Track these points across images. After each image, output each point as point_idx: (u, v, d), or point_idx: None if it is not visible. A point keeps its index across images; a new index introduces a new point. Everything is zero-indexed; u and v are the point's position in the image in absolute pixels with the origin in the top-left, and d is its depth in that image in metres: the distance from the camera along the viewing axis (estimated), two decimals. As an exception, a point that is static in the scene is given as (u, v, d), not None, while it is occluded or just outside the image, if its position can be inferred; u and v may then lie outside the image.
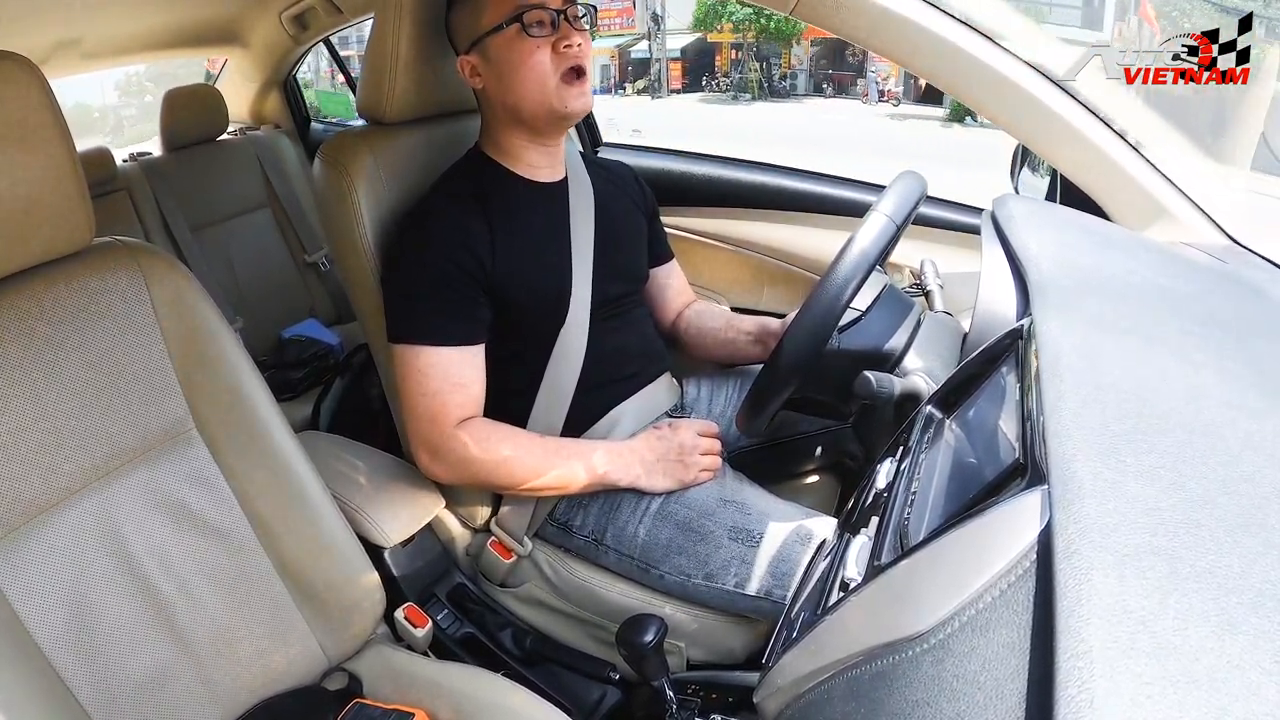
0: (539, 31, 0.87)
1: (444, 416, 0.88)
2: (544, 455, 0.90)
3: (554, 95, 0.88)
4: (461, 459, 0.89)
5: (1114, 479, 0.32)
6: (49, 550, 0.67)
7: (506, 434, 0.91)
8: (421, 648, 0.92)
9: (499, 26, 0.87)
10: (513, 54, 0.87)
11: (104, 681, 0.68)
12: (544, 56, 0.87)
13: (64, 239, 0.69)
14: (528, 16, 0.86)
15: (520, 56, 0.87)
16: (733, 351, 1.10)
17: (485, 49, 0.89)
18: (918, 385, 0.77)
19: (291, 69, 2.08)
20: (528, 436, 0.92)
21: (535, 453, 0.90)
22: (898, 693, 0.33)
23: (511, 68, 0.88)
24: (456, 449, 0.88)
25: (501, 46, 0.88)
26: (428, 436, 0.90)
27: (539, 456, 0.90)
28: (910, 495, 0.50)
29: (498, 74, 0.89)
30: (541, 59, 0.87)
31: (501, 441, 0.89)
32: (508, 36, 0.87)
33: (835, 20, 0.91)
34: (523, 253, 0.92)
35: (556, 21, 0.87)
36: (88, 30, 1.54)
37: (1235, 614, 0.26)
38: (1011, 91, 0.88)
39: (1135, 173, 0.88)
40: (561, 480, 0.90)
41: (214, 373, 0.77)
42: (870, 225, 0.76)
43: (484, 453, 0.88)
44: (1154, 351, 0.45)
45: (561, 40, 0.87)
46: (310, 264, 2.04)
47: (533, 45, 0.86)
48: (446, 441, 0.89)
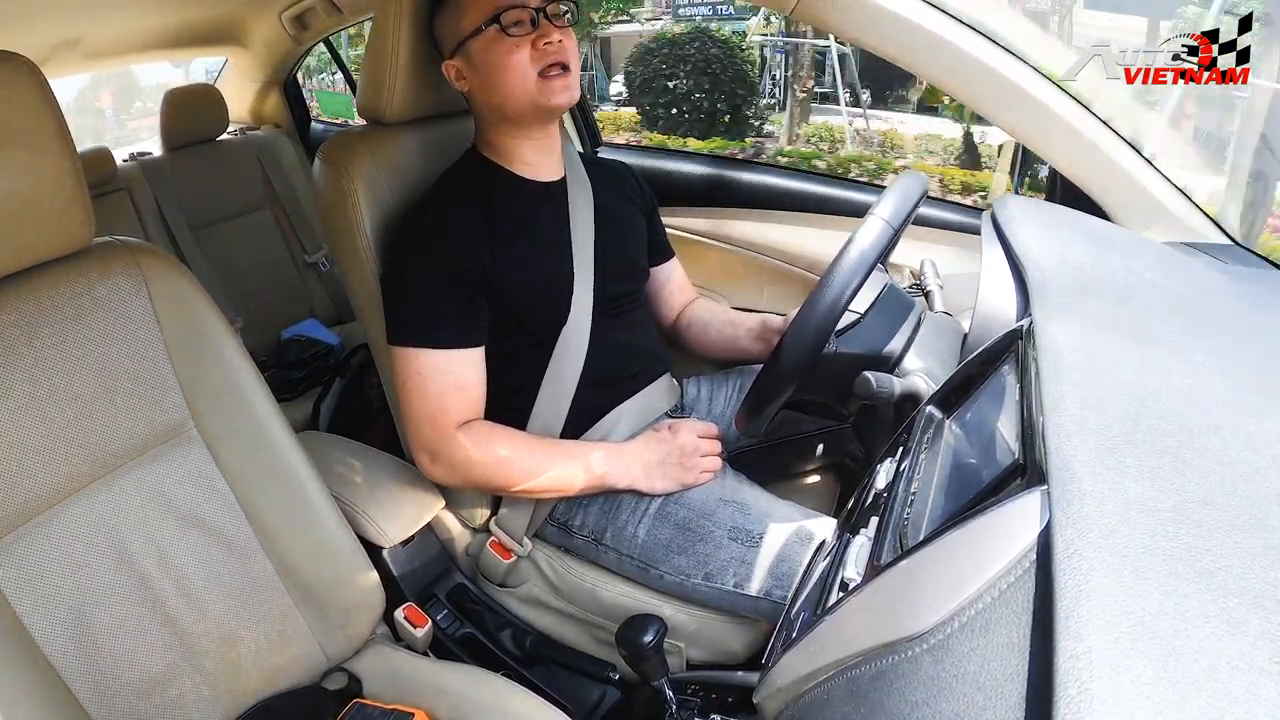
0: (518, 31, 0.88)
1: (444, 419, 0.89)
2: (543, 457, 0.90)
3: (535, 91, 0.89)
4: (461, 462, 0.89)
5: (1114, 479, 0.32)
6: (49, 550, 0.67)
7: (506, 436, 0.91)
8: (421, 648, 0.92)
9: (478, 29, 0.88)
10: (492, 55, 0.88)
11: (104, 681, 0.68)
12: (523, 55, 0.88)
13: (64, 239, 0.69)
14: (505, 17, 0.87)
15: (499, 57, 0.88)
16: (735, 348, 1.10)
17: (468, 52, 0.90)
18: (917, 385, 0.77)
19: (292, 69, 2.08)
20: (527, 438, 0.92)
21: (534, 455, 0.90)
22: (897, 693, 0.33)
23: (492, 68, 0.89)
24: (456, 452, 0.89)
25: (482, 48, 0.89)
26: (428, 439, 0.90)
27: (538, 459, 0.90)
28: (910, 495, 0.49)
29: (480, 75, 0.90)
30: (521, 58, 0.88)
31: (501, 444, 0.89)
32: (487, 38, 0.88)
33: (835, 20, 0.91)
34: (523, 253, 0.92)
35: (536, 20, 0.88)
36: (88, 30, 1.54)
37: (1235, 614, 0.26)
38: (1011, 91, 0.88)
39: (1135, 173, 0.88)
40: (560, 482, 0.90)
41: (214, 373, 0.77)
42: (868, 228, 0.76)
43: (484, 455, 0.88)
44: (1154, 351, 0.45)
45: (541, 38, 0.88)
46: (310, 264, 2.04)
47: (511, 44, 0.87)
48: (446, 444, 0.89)
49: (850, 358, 0.82)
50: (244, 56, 2.03)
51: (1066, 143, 0.89)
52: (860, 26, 0.90)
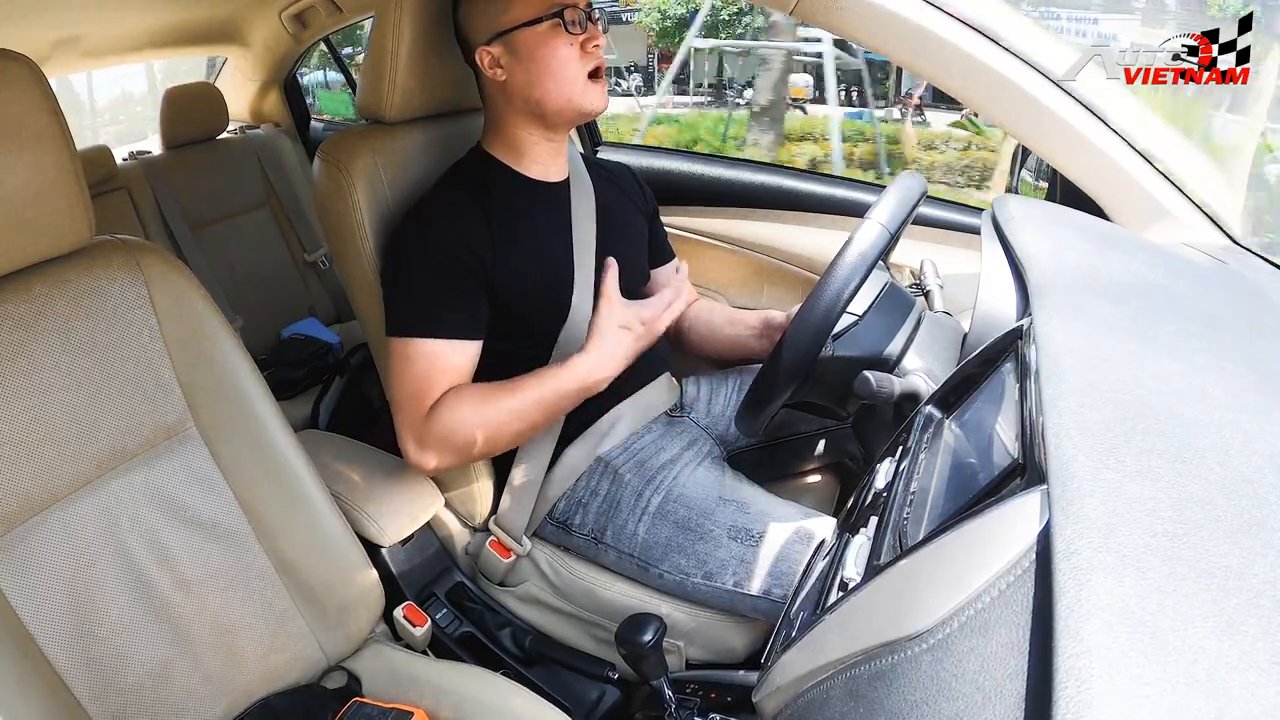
0: (576, 30, 0.88)
1: (425, 400, 0.87)
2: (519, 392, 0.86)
3: (579, 92, 0.89)
4: (443, 432, 0.86)
5: (1114, 479, 0.32)
6: (48, 548, 0.67)
7: (475, 388, 0.87)
8: (420, 647, 0.92)
9: (535, 20, 0.87)
10: (546, 49, 0.88)
11: (103, 680, 0.68)
12: (575, 54, 0.88)
13: (63, 237, 0.69)
14: (569, 13, 0.87)
15: (553, 51, 0.88)
16: (738, 347, 1.10)
17: (512, 42, 0.89)
18: (917, 385, 0.77)
19: (292, 68, 2.08)
20: (495, 385, 0.87)
21: (513, 394, 0.86)
22: (897, 692, 0.33)
23: (543, 62, 0.88)
24: (435, 425, 0.86)
25: (535, 41, 0.88)
26: (411, 421, 0.88)
27: (516, 397, 0.86)
28: (909, 495, 0.49)
29: (526, 67, 0.89)
30: (574, 55, 0.88)
31: (472, 396, 0.86)
32: (542, 31, 0.87)
33: (836, 20, 0.91)
34: (524, 252, 0.92)
35: (583, 22, 0.88)
36: (88, 29, 1.54)
37: (1235, 614, 0.26)
38: (1011, 92, 0.88)
39: (1135, 173, 0.88)
40: (548, 409, 0.86)
41: (213, 371, 0.77)
42: (868, 228, 0.76)
43: (460, 414, 0.85)
44: (1154, 351, 0.45)
45: (590, 40, 0.88)
46: (310, 263, 2.04)
47: (567, 41, 0.87)
48: (427, 423, 0.86)
49: (850, 357, 0.82)
50: (244, 55, 2.03)
51: (1066, 143, 0.89)
52: (860, 26, 0.90)
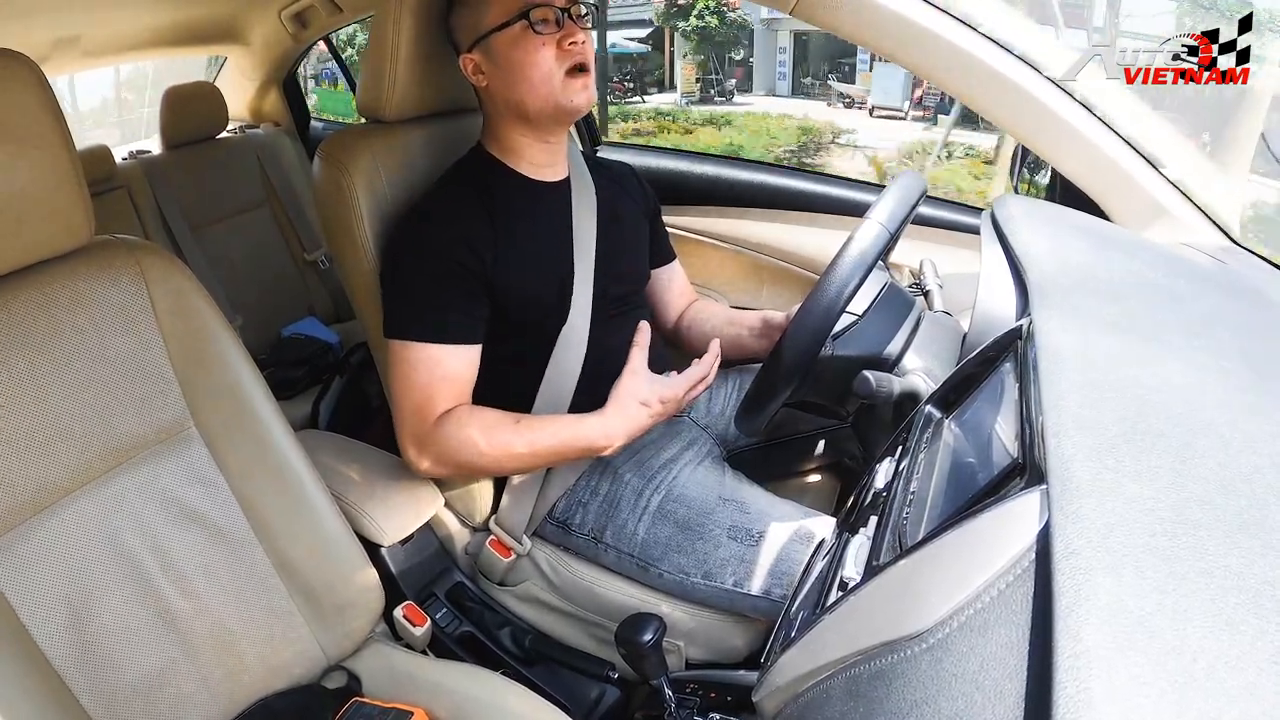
0: (545, 29, 0.87)
1: (429, 409, 0.88)
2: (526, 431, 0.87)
3: (559, 91, 0.89)
4: (447, 449, 0.87)
5: (1113, 479, 0.32)
6: (48, 548, 0.67)
7: (486, 414, 0.88)
8: (420, 646, 0.92)
9: (504, 24, 0.87)
10: (518, 51, 0.88)
11: (103, 680, 0.68)
12: (549, 54, 0.87)
13: (63, 237, 0.69)
14: (534, 14, 0.87)
15: (525, 54, 0.87)
16: (737, 347, 1.10)
17: (489, 47, 0.89)
18: (917, 385, 0.77)
19: (292, 67, 2.08)
20: (507, 414, 0.88)
21: (519, 431, 0.86)
22: (896, 692, 0.33)
23: (517, 65, 0.88)
24: (439, 439, 0.87)
25: (507, 44, 0.88)
26: (414, 429, 0.89)
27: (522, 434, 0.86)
28: (909, 495, 0.49)
29: (502, 71, 0.89)
30: (546, 56, 0.87)
31: (481, 422, 0.87)
32: (513, 34, 0.87)
33: (836, 20, 0.91)
34: (524, 252, 0.92)
35: (561, 20, 0.88)
36: (87, 28, 1.54)
37: (1234, 614, 0.26)
38: (1011, 91, 0.88)
39: (1135, 173, 0.88)
40: (548, 458, 0.88)
41: (213, 371, 0.77)
42: (867, 228, 0.76)
43: (465, 436, 0.86)
44: (1154, 351, 0.45)
45: (566, 38, 0.88)
46: (310, 262, 2.04)
47: (538, 42, 0.87)
48: (430, 433, 0.88)
49: (850, 357, 0.82)
50: (244, 54, 2.03)
51: (1066, 143, 0.89)
52: (860, 25, 0.90)
